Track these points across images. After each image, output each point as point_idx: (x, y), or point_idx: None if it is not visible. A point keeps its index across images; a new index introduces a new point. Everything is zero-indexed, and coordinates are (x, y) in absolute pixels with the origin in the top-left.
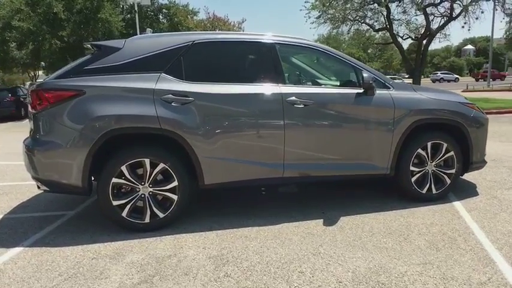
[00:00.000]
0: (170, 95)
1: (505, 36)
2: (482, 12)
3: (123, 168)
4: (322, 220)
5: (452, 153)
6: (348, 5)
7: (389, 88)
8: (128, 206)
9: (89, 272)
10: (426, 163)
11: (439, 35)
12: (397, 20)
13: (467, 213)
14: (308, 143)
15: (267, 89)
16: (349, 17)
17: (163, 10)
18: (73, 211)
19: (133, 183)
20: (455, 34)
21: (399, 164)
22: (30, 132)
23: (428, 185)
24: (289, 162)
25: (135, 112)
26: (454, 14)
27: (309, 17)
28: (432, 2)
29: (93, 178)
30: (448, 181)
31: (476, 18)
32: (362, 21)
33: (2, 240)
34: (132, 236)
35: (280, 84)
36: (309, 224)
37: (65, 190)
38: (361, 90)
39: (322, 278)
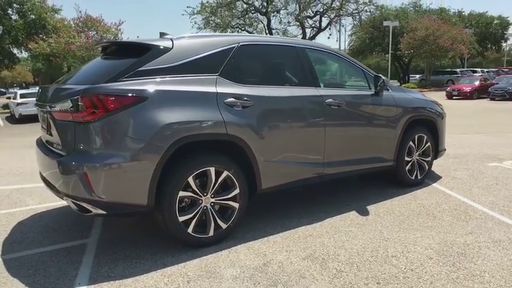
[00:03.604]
0: (232, 99)
1: (348, 47)
2: (343, 26)
3: (190, 179)
4: (354, 212)
5: (429, 143)
6: (232, 12)
7: (389, 90)
8: (194, 221)
9: None
10: (413, 153)
11: None
12: (274, 30)
13: (452, 192)
14: (340, 141)
15: (310, 91)
16: (231, 23)
17: (14, 5)
18: (90, 238)
19: (198, 194)
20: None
21: (398, 156)
22: (64, 145)
23: (415, 172)
24: (327, 161)
25: (203, 118)
26: (322, 26)
27: (195, 23)
28: (308, 15)
29: None
30: (427, 167)
31: (339, 31)
32: (243, 28)
33: (44, 284)
34: (198, 253)
35: (317, 87)
36: (349, 216)
37: (125, 211)
38: (372, 92)
39: (415, 258)
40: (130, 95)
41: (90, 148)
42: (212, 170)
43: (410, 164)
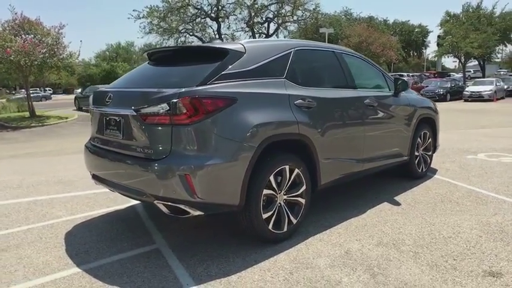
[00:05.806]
0: (301, 100)
1: None
2: (288, 32)
3: (271, 178)
4: (386, 203)
5: (430, 139)
6: (181, 17)
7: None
8: (273, 218)
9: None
10: (419, 149)
11: None
12: (223, 35)
13: (455, 181)
14: (374, 138)
15: (353, 93)
16: (179, 28)
17: None
18: (157, 243)
19: (276, 192)
20: None
21: (411, 151)
22: (156, 148)
23: (421, 165)
24: (365, 157)
25: (282, 118)
26: (269, 32)
27: (144, 27)
28: (259, 21)
29: None
30: (429, 161)
31: (285, 37)
32: (191, 33)
33: None
34: (278, 248)
35: (356, 89)
36: (384, 206)
37: (219, 211)
38: (392, 93)
39: (468, 237)
40: (225, 97)
41: (189, 150)
42: (287, 168)
43: (417, 158)
